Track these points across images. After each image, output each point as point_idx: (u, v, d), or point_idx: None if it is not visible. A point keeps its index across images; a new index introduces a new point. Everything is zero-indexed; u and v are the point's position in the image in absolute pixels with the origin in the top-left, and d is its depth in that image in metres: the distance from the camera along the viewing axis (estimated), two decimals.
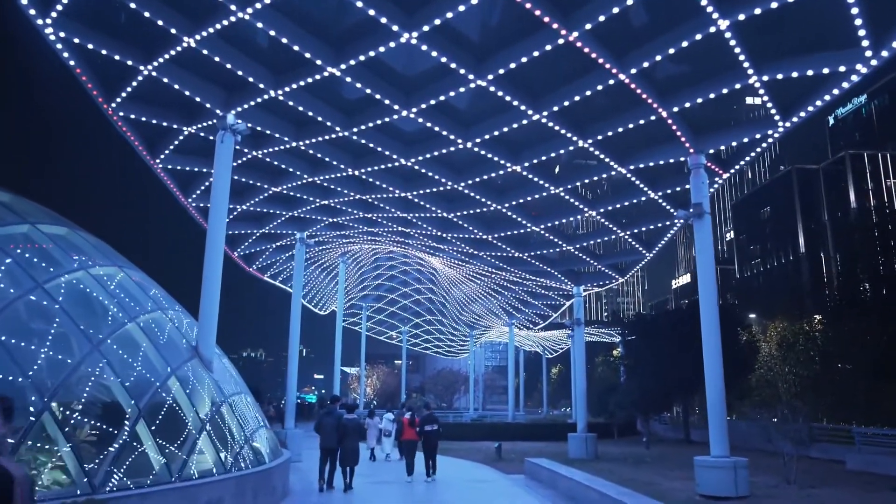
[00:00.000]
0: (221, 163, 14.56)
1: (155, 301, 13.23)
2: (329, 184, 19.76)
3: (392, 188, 19.40)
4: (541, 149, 16.23)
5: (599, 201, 19.19)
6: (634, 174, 17.01)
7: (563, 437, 34.37)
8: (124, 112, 15.07)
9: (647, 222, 20.24)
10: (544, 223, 20.79)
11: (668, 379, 33.18)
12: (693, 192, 15.12)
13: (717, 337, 14.46)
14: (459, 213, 20.99)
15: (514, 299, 36.90)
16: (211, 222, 14.27)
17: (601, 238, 21.70)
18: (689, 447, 31.44)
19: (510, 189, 19.25)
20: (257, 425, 14.80)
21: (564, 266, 25.25)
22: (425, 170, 17.45)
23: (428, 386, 78.01)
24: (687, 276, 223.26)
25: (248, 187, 20.51)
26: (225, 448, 12.03)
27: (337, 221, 24.73)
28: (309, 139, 16.35)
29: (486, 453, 25.43)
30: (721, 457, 13.60)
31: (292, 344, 24.30)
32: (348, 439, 14.69)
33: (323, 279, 42.93)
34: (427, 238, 25.60)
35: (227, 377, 14.60)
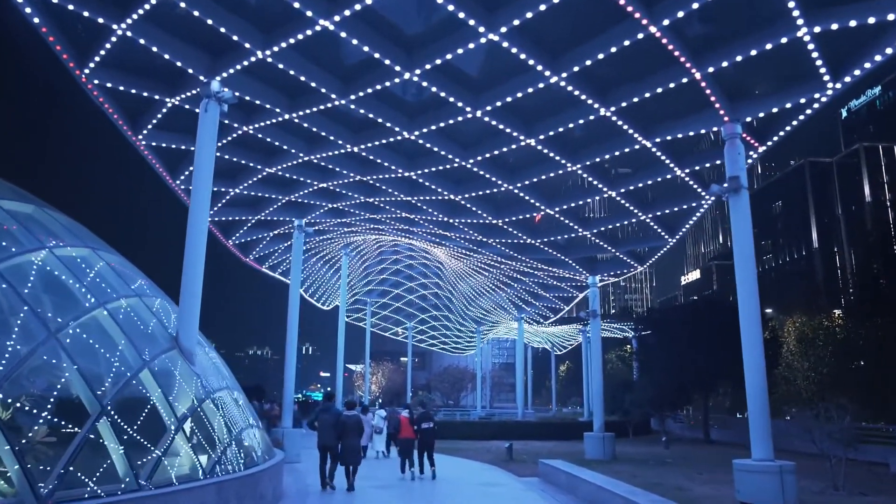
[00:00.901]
0: (205, 134, 13.11)
1: (132, 287, 11.84)
2: (327, 163, 18.31)
3: (395, 167, 17.94)
4: (558, 119, 14.71)
5: (620, 180, 17.63)
6: (660, 148, 15.48)
7: (576, 436, 33.08)
8: (99, 79, 13.66)
9: (672, 204, 18.67)
10: (559, 205, 19.26)
11: (686, 375, 31.69)
12: (728, 164, 13.58)
13: (757, 327, 12.94)
14: (468, 195, 19.50)
15: (525, 292, 35.36)
16: (194, 199, 12.85)
17: (620, 222, 20.11)
18: (710, 447, 29.93)
19: (523, 167, 17.73)
20: (246, 424, 13.42)
21: (579, 253, 23.68)
22: (430, 144, 15.95)
23: (434, 383, 76.90)
24: (696, 273, 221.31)
25: (240, 168, 19.09)
26: (206, 450, 10.64)
27: (337, 207, 23.29)
28: (303, 110, 14.89)
29: (497, 454, 24.02)
30: (765, 460, 12.08)
31: (290, 339, 22.92)
32: (348, 437, 14.03)
33: (325, 272, 41.57)
34: (433, 224, 24.12)
35: (212, 371, 13.21)
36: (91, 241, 11.98)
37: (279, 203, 21.93)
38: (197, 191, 12.84)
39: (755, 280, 13.17)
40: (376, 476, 16.82)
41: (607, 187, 17.62)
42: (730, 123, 13.62)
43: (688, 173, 16.57)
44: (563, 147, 16.21)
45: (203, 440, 10.64)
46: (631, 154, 15.96)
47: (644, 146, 15.42)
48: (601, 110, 13.80)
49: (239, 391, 14.66)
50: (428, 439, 16.00)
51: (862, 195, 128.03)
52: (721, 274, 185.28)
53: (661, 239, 20.64)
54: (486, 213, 20.60)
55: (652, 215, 19.23)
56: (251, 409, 15.17)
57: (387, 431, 22.70)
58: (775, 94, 13.26)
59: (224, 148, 17.35)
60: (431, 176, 18.61)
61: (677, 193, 18.28)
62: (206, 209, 12.96)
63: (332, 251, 37.28)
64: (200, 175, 12.98)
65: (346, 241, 34.92)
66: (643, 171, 17.15)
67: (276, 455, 14.73)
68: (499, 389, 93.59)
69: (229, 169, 19.31)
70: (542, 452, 24.57)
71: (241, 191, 20.16)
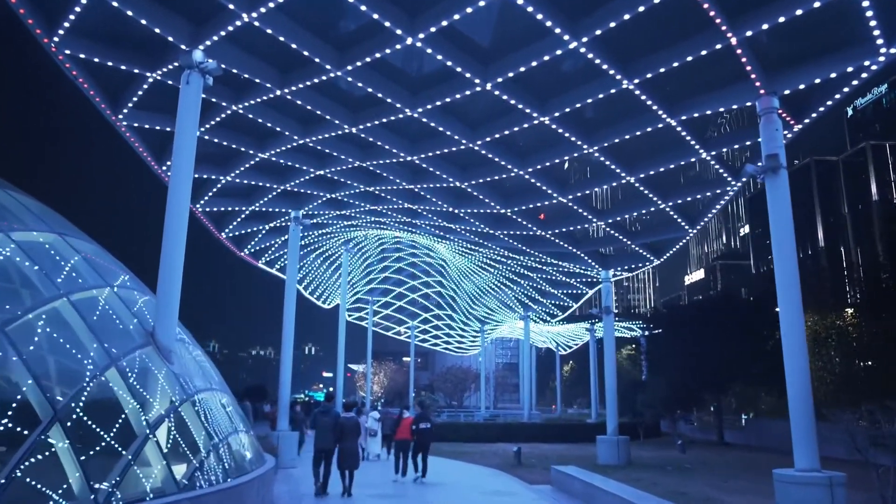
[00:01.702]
0: (186, 108, 11.82)
1: (105, 277, 10.59)
2: (323, 146, 17.04)
3: (396, 150, 16.65)
4: (574, 93, 13.41)
5: (638, 164, 16.31)
6: (685, 127, 14.17)
7: (584, 439, 31.88)
8: (70, 49, 12.40)
9: (694, 191, 17.35)
10: (572, 193, 17.94)
11: (700, 374, 30.38)
12: (764, 141, 12.26)
13: (799, 322, 11.62)
14: (474, 182, 18.19)
15: (532, 289, 34.04)
16: (173, 180, 11.56)
17: (637, 211, 18.74)
18: (727, 450, 28.62)
19: (534, 150, 16.41)
20: (232, 429, 12.17)
21: (591, 246, 22.36)
22: (434, 123, 14.64)
23: (437, 384, 75.91)
24: (700, 272, 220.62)
25: (231, 154, 17.82)
26: (184, 458, 9.39)
27: (336, 198, 22.02)
28: (296, 84, 13.60)
29: (504, 457, 22.75)
30: (811, 471, 10.76)
31: (286, 337, 21.66)
32: (346, 440, 13.49)
33: (325, 270, 40.33)
34: (437, 216, 22.82)
35: (194, 370, 11.96)
36: (61, 228, 10.78)
37: (274, 192, 20.67)
38: (177, 171, 11.56)
39: (796, 269, 11.85)
40: (375, 483, 15.66)
41: (625, 172, 16.31)
42: (766, 96, 12.31)
43: (714, 156, 15.26)
44: (579, 127, 14.91)
45: (180, 447, 9.44)
46: (653, 134, 14.65)
47: (668, 125, 14.11)
48: (623, 82, 12.49)
49: (226, 393, 13.45)
50: (424, 440, 15.74)
51: (869, 194, 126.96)
52: (725, 273, 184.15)
53: (681, 230, 19.30)
54: (494, 201, 19.30)
55: (672, 203, 17.90)
56: (240, 413, 13.94)
57: (381, 432, 22.07)
58: (817, 62, 11.94)
59: (212, 130, 16.09)
60: (436, 160, 17.32)
61: (700, 180, 16.98)
62: (188, 191, 11.68)
63: (332, 247, 36.06)
64: (181, 154, 11.69)
65: (346, 236, 33.71)
66: (665, 154, 15.83)
67: (267, 462, 13.52)
68: (502, 390, 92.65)
69: (219, 154, 18.06)
70: (552, 457, 23.32)
71: (232, 179, 18.89)
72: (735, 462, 22.87)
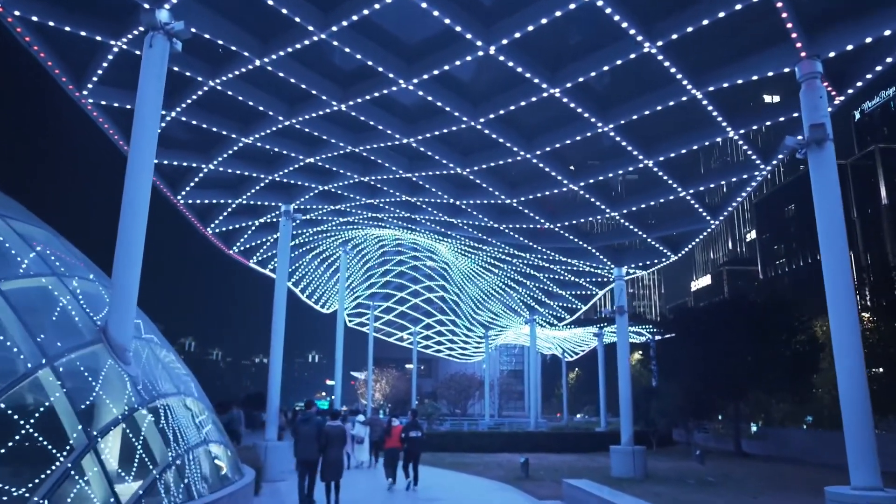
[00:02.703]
0: (150, 75, 10.36)
1: (51, 264, 9.13)
2: (312, 130, 15.58)
3: (392, 132, 15.17)
4: (588, 60, 11.93)
5: (658, 145, 14.79)
6: (711, 99, 12.67)
7: (594, 448, 30.34)
8: (20, 10, 11.00)
9: (718, 176, 15.81)
10: (584, 179, 16.40)
11: (716, 381, 28.79)
12: (806, 111, 10.75)
13: (851, 316, 10.06)
14: (478, 168, 16.68)
15: (538, 290, 32.45)
16: (133, 153, 10.06)
17: (655, 200, 17.16)
18: (748, 461, 26.96)
19: (543, 130, 14.87)
20: (201, 440, 10.67)
21: (603, 241, 20.81)
22: (432, 98, 13.16)
23: (440, 391, 74.60)
24: (707, 278, 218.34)
25: (212, 138, 16.37)
26: (133, 474, 7.93)
27: (329, 190, 20.56)
28: (277, 52, 12.15)
29: (509, 469, 21.19)
30: (872, 489, 9.18)
31: (275, 339, 20.19)
32: (331, 450, 12.67)
33: (323, 272, 38.88)
34: (438, 209, 21.31)
35: (158, 373, 10.47)
36: (4, 209, 9.33)
37: (262, 183, 19.21)
38: (138, 144, 10.07)
39: (846, 257, 10.32)
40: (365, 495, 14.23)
41: (643, 155, 14.79)
42: (808, 60, 10.81)
43: (742, 136, 13.74)
44: (593, 101, 13.41)
45: (131, 462, 8.00)
46: (676, 109, 13.15)
47: (692, 100, 12.61)
48: (644, 45, 11.01)
49: (199, 399, 11.96)
50: (414, 449, 15.48)
51: (878, 197, 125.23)
52: (732, 279, 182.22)
53: (701, 221, 17.75)
54: (499, 190, 17.77)
55: (693, 191, 16.37)
56: (216, 422, 12.47)
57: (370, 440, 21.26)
58: (868, 19, 10.45)
59: (189, 111, 14.65)
60: (435, 143, 15.84)
61: (725, 164, 15.45)
62: (149, 168, 10.17)
63: (330, 248, 34.64)
64: (143, 126, 10.21)
65: (343, 236, 32.28)
66: (687, 133, 14.32)
67: (245, 477, 12.05)
68: (507, 397, 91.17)
69: (199, 140, 16.63)
70: (562, 468, 21.75)
71: (215, 167, 17.43)
72: (761, 474, 21.27)
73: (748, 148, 14.13)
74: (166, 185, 18.15)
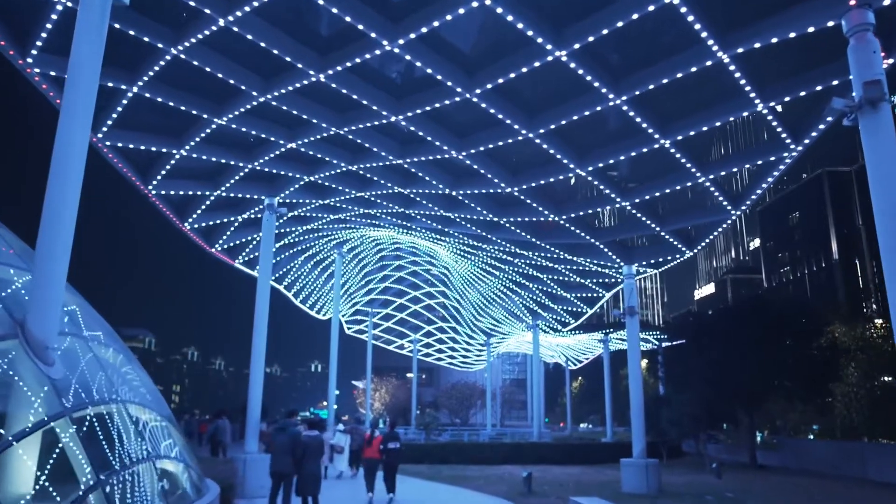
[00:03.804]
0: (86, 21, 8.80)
1: None
2: (292, 107, 14.04)
3: (380, 110, 13.62)
4: (600, 16, 10.38)
5: (675, 122, 13.21)
6: (738, 64, 11.12)
7: (600, 460, 28.69)
8: None
9: (743, 159, 14.21)
10: (593, 163, 14.79)
11: (731, 388, 27.11)
12: (857, 68, 9.14)
13: None
14: (474, 152, 15.10)
15: (541, 293, 30.79)
16: (65, 107, 8.46)
17: (668, 188, 15.53)
18: (765, 474, 25.21)
19: (547, 104, 13.26)
20: (148, 454, 9.06)
21: (612, 235, 19.15)
22: (421, 63, 11.57)
23: (441, 400, 73.10)
24: (710, 287, 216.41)
25: (181, 120, 14.85)
26: (47, 498, 6.37)
27: (315, 182, 19.03)
28: (245, 7, 10.63)
29: (511, 484, 19.52)
30: None
31: (257, 342, 18.58)
32: (308, 462, 11.88)
33: (318, 276, 37.39)
34: (434, 203, 19.74)
35: (96, 375, 8.86)
36: None
37: (241, 173, 17.68)
38: (71, 94, 8.45)
39: None
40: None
41: (659, 133, 13.21)
42: (857, 10, 9.25)
43: (771, 109, 12.18)
44: (604, 68, 11.85)
45: (42, 481, 6.45)
46: (697, 79, 11.61)
47: (717, 65, 11.06)
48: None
49: (151, 407, 10.36)
50: (393, 460, 15.17)
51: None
52: (736, 287, 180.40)
53: (721, 212, 16.11)
54: (499, 178, 16.18)
55: (713, 177, 14.78)
56: (172, 433, 10.86)
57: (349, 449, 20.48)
58: None
59: (153, 86, 13.14)
60: (428, 121, 14.27)
61: (750, 147, 13.90)
62: (85, 127, 8.59)
63: (325, 251, 33.19)
64: (79, 64, 8.56)
65: (337, 236, 30.81)
66: (710, 107, 12.75)
67: (206, 495, 10.46)
68: (509, 407, 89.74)
69: (168, 124, 15.14)
70: (567, 483, 20.09)
71: (187, 153, 15.91)
72: (782, 489, 19.59)
73: (777, 124, 12.55)
74: (135, 172, 16.63)
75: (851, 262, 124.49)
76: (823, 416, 31.70)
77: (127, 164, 16.12)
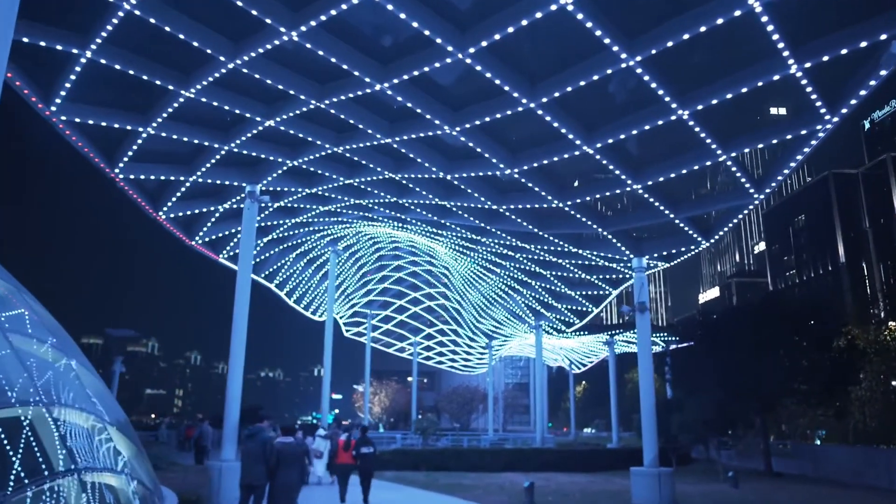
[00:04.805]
0: None
1: None
2: (266, 76, 12.59)
3: (360, 74, 12.16)
4: None
5: (697, 88, 11.71)
6: (771, 15, 9.64)
7: (606, 467, 27.15)
8: None
9: (770, 133, 12.66)
10: (602, 139, 13.28)
11: (746, 391, 25.60)
12: None
13: None
14: (469, 127, 13.58)
15: (544, 291, 29.25)
16: None
17: (688, 168, 14.00)
18: (784, 482, 23.61)
19: (552, 66, 11.77)
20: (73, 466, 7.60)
21: (621, 224, 17.61)
22: (406, 15, 10.12)
23: (442, 404, 71.76)
24: (714, 291, 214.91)
25: (145, 93, 13.40)
26: None
27: (299, 167, 17.59)
28: None
29: (512, 494, 18.04)
30: None
31: (236, 340, 17.17)
32: (283, 472, 10.61)
33: (312, 274, 35.95)
34: (429, 190, 18.26)
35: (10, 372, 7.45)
36: None
37: (218, 155, 16.22)
38: None
39: None
40: None
41: (677, 103, 11.72)
42: None
43: (806, 72, 10.68)
44: (617, 23, 10.37)
45: None
46: (720, 34, 10.13)
47: (747, 15, 9.59)
48: None
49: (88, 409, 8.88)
50: (367, 466, 14.84)
51: (891, 207, 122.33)
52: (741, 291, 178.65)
53: (743, 195, 14.58)
54: (498, 158, 14.65)
55: (735, 155, 13.27)
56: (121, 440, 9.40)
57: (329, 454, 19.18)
58: None
59: (106, 51, 11.69)
60: (418, 90, 12.80)
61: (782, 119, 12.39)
62: None
63: (318, 248, 31.78)
64: None
65: (330, 232, 29.40)
66: (735, 71, 11.26)
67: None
68: (512, 411, 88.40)
69: (128, 97, 13.70)
70: (573, 493, 18.55)
71: (155, 131, 14.45)
72: (806, 500, 18.05)
73: (812, 90, 11.04)
74: (99, 153, 15.18)
75: (859, 265, 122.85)
76: (840, 420, 30.11)
77: (89, 143, 14.68)
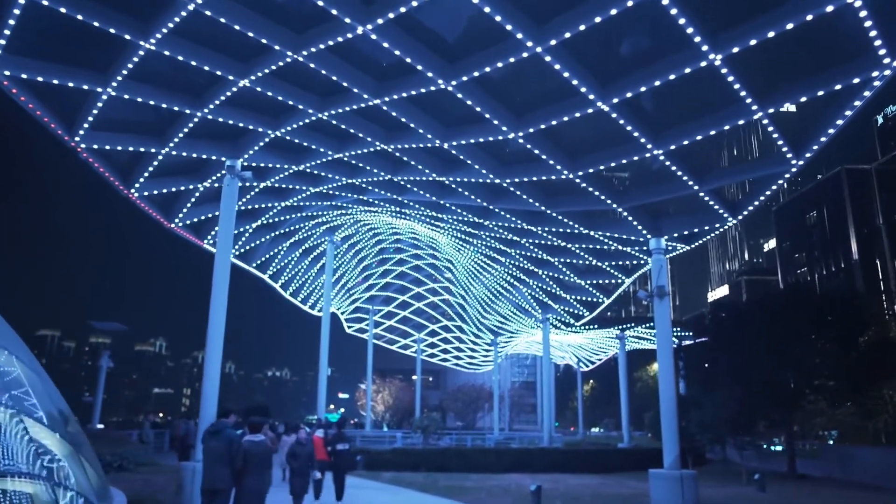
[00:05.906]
0: None
1: None
2: (232, 21, 10.97)
3: (348, 18, 10.53)
4: None
5: (732, 28, 10.00)
6: None
7: (618, 468, 25.55)
8: None
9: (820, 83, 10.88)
10: (619, 94, 11.53)
11: (768, 387, 23.88)
12: None
13: None
14: (467, 80, 11.88)
15: (552, 281, 27.48)
16: None
17: (717, 128, 12.21)
18: (811, 486, 21.85)
19: (560, 6, 10.13)
20: None
21: (638, 199, 15.75)
22: None
23: (447, 403, 70.49)
24: (724, 289, 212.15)
25: (101, 47, 11.81)
26: None
27: (283, 139, 15.96)
28: None
29: (517, 497, 16.48)
30: None
31: (213, 331, 15.70)
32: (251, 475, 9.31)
33: (309, 266, 34.46)
34: (426, 164, 16.59)
35: None
36: None
37: (191, 123, 14.61)
38: None
39: None
40: None
41: (709, 45, 10.00)
42: None
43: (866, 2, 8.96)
44: None
45: None
46: None
47: None
48: None
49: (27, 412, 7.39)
50: (342, 462, 14.82)
51: None
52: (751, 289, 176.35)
53: (782, 162, 12.82)
54: (500, 120, 12.92)
55: (773, 111, 11.53)
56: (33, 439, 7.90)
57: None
58: None
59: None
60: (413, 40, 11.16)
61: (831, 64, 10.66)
62: None
63: (315, 238, 30.28)
64: None
65: (327, 219, 27.86)
66: (772, 8, 9.55)
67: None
68: (518, 410, 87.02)
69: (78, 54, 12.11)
70: (584, 497, 16.92)
71: (117, 91, 12.85)
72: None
73: (872, 24, 9.30)
74: (55, 119, 13.59)
75: (872, 262, 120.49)
76: (869, 420, 28.31)
77: (41, 105, 13.07)
